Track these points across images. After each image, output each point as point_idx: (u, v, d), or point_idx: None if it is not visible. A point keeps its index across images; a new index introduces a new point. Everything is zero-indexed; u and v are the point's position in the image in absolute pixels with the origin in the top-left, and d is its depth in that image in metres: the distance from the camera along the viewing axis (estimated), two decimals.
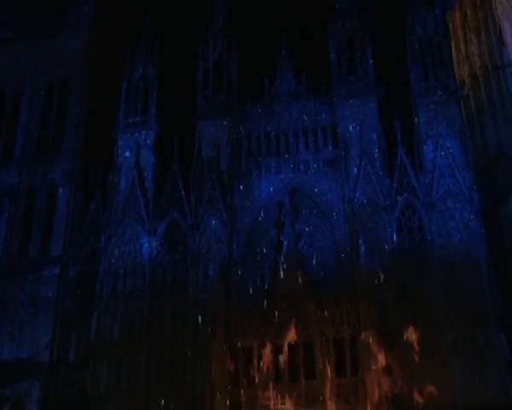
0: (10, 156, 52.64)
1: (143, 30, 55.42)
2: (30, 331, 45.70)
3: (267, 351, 40.07)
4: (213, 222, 46.59)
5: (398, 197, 45.35)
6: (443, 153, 45.95)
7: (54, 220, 49.39)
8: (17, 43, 56.75)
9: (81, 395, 42.44)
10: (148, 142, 50.46)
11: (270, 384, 39.29)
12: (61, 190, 50.15)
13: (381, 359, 38.51)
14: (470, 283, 42.03)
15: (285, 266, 42.72)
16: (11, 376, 43.78)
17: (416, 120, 47.80)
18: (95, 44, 55.94)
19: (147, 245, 46.56)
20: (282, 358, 39.99)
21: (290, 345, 40.20)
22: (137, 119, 51.44)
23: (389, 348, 39.35)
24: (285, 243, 43.99)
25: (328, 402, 38.29)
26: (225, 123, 50.13)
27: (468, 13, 54.75)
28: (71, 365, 44.72)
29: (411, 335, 39.85)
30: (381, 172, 46.17)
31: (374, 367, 38.24)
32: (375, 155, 46.77)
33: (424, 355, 40.36)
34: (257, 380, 39.55)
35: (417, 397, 38.37)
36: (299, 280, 41.92)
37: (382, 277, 41.98)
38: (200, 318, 42.86)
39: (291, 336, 40.33)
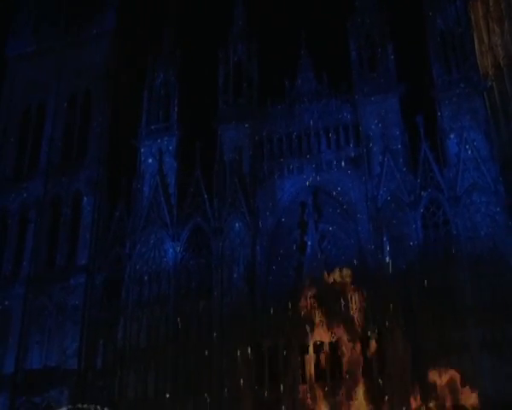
0: (36, 168, 53.42)
1: (164, 37, 55.79)
2: (58, 340, 46.32)
3: (293, 352, 39.81)
4: (237, 225, 46.59)
5: (423, 193, 44.76)
6: (467, 146, 45.20)
7: (79, 229, 50.03)
8: (41, 56, 57.80)
9: (109, 401, 42.67)
10: (171, 148, 50.80)
11: (297, 385, 39.03)
12: (85, 199, 50.75)
13: (408, 356, 37.97)
14: (498, 277, 41.22)
15: (309, 266, 42.49)
16: (41, 384, 44.43)
17: (439, 114, 47.18)
18: (116, 54, 56.44)
19: (171, 250, 46.81)
20: (308, 358, 39.62)
21: (316, 345, 39.77)
22: (159, 125, 51.90)
23: (416, 346, 38.87)
24: (309, 243, 43.86)
25: (356, 401, 37.84)
26: (247, 126, 50.16)
27: (491, 3, 53.80)
28: (98, 371, 45.17)
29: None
30: (404, 168, 45.68)
31: (401, 366, 37.68)
32: (398, 151, 46.33)
33: (452, 352, 39.79)
34: (283, 381, 39.27)
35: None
36: (324, 280, 41.58)
37: (408, 274, 41.49)
38: (225, 321, 42.93)
39: (316, 336, 39.97)
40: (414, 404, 36.79)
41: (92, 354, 45.67)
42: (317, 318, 40.23)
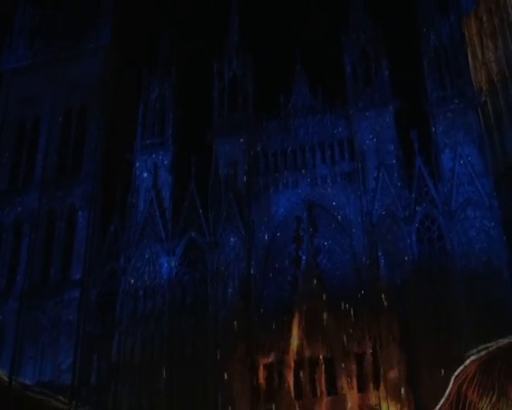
0: (30, 182, 53.21)
1: (159, 51, 56.05)
2: (52, 355, 45.95)
3: (288, 367, 39.81)
4: (232, 239, 46.58)
5: (417, 207, 44.81)
6: (461, 161, 45.34)
7: (74, 244, 49.79)
8: (36, 70, 57.63)
9: None
10: (166, 162, 50.81)
11: (292, 400, 38.99)
12: (80, 213, 50.56)
13: (404, 371, 38.00)
14: (493, 291, 41.24)
15: (304, 281, 42.51)
16: None
17: (434, 129, 47.37)
18: (112, 69, 56.41)
19: (166, 265, 46.70)
20: (303, 373, 39.62)
21: (311, 360, 39.83)
22: (154, 140, 51.87)
23: (412, 361, 38.90)
24: (304, 257, 43.79)
25: None
26: (242, 140, 50.25)
27: (484, 19, 54.22)
28: (93, 387, 44.74)
29: None
30: (399, 183, 45.77)
31: (396, 380, 37.71)
32: (393, 166, 46.44)
33: (448, 367, 39.70)
34: (278, 396, 39.22)
35: None
36: (319, 295, 41.64)
37: (403, 288, 41.60)
38: (220, 336, 42.88)
39: (312, 351, 40.01)
40: None
41: (86, 369, 45.32)
42: (313, 333, 40.31)
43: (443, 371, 39.27)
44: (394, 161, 46.52)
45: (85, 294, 47.55)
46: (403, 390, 37.40)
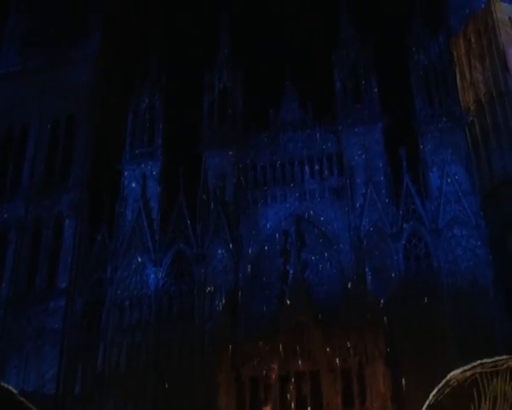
0: (17, 190, 52.85)
1: (149, 61, 56.06)
2: (36, 364, 45.49)
3: (274, 381, 39.76)
4: (219, 252, 46.59)
5: (405, 225, 45.17)
6: (449, 180, 45.81)
7: (60, 252, 49.47)
8: (25, 77, 57.27)
9: None
10: (154, 173, 50.72)
11: None
12: (67, 221, 50.27)
13: (389, 388, 38.13)
14: (478, 310, 41.64)
15: (291, 295, 42.55)
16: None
17: (422, 147, 47.86)
18: (101, 77, 56.33)
19: (153, 276, 46.54)
20: (289, 388, 39.57)
21: (297, 375, 39.76)
22: (143, 150, 51.74)
23: (397, 376, 39.07)
24: (291, 272, 43.78)
25: None
26: (231, 153, 50.29)
27: (473, 40, 54.73)
28: (77, 397, 44.33)
29: None
30: (386, 200, 46.10)
31: (382, 396, 37.82)
32: (381, 183, 46.76)
33: (433, 383, 39.90)
34: None
35: None
36: (306, 309, 41.70)
37: (389, 305, 41.79)
38: (206, 348, 42.84)
39: (298, 365, 39.98)
40: None
41: (71, 379, 44.95)
42: (299, 347, 40.33)
43: (428, 386, 39.74)
44: (382, 178, 46.89)
45: (71, 303, 47.25)
46: (388, 406, 37.44)
